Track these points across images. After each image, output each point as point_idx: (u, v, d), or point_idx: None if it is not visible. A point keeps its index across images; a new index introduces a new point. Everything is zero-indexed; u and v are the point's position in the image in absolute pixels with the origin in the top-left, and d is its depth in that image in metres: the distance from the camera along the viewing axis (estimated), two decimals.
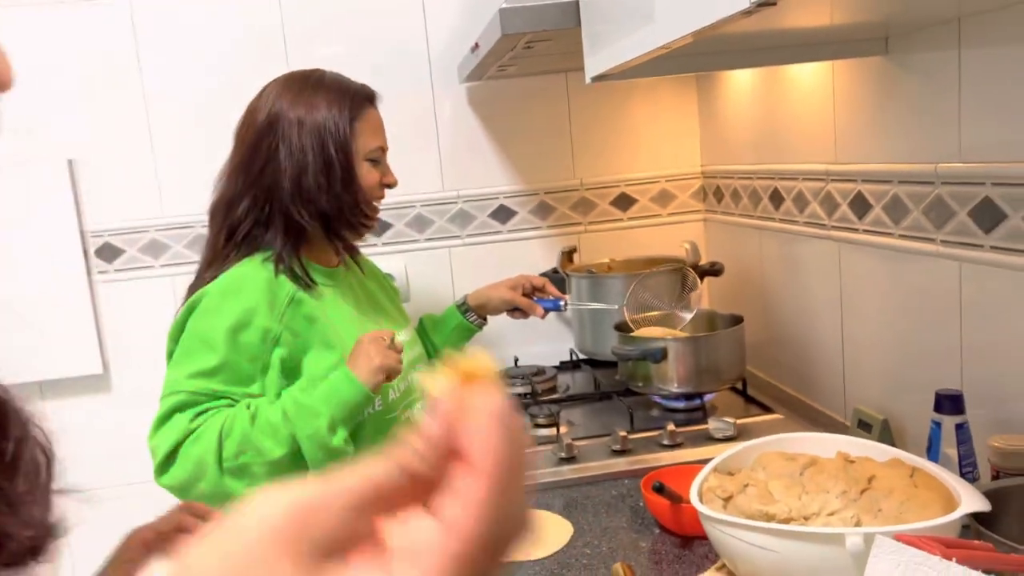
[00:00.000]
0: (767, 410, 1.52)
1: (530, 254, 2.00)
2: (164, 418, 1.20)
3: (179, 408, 1.19)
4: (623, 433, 1.38)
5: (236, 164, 1.31)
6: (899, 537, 0.69)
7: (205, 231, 1.63)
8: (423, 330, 1.63)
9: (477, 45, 1.47)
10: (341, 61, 1.53)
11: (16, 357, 1.82)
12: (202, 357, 1.20)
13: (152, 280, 1.90)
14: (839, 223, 1.42)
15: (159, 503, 1.93)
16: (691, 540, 1.09)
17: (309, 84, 1.31)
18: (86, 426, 1.90)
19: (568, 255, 1.95)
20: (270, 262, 1.27)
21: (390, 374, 1.23)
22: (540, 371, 1.86)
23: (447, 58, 1.92)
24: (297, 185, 1.27)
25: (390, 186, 1.38)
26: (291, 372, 1.25)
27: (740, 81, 1.77)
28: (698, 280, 1.56)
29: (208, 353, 1.20)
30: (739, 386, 1.60)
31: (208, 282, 1.26)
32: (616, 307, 1.61)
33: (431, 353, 1.60)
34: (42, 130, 1.82)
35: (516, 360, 1.95)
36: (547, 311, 1.59)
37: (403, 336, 1.43)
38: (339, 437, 1.19)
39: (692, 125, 2.03)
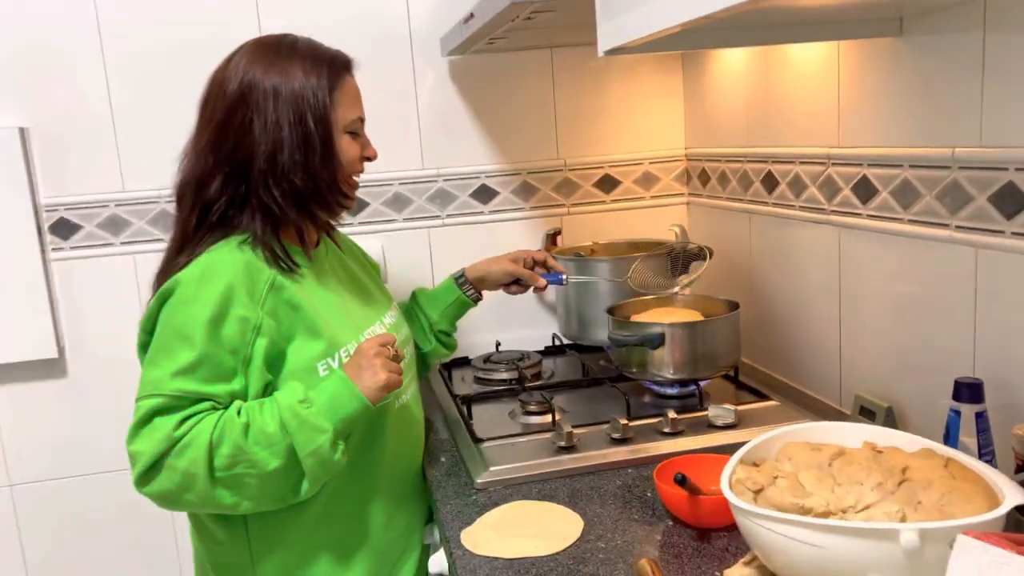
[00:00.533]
0: (761, 396, 1.50)
1: (512, 236, 1.94)
2: (143, 422, 1.10)
3: (159, 412, 1.09)
4: (624, 421, 1.33)
5: (206, 140, 1.19)
6: (968, 534, 0.66)
7: (170, 207, 1.53)
8: (416, 304, 1.56)
9: (472, 15, 1.40)
10: (316, 28, 1.41)
11: None
12: (179, 353, 1.10)
13: (112, 259, 1.78)
14: (840, 207, 1.40)
15: (116, 496, 1.84)
16: (707, 532, 1.06)
17: (282, 50, 1.21)
18: (39, 414, 1.78)
19: (552, 237, 1.90)
20: (247, 245, 1.18)
21: (393, 388, 1.17)
22: (524, 356, 1.81)
23: (429, 29, 1.84)
24: (271, 162, 1.17)
25: (370, 159, 1.30)
26: (274, 362, 1.16)
27: (730, 61, 1.74)
28: (707, 251, 1.54)
29: (186, 348, 1.10)
30: (730, 373, 1.58)
31: (180, 268, 1.16)
32: (621, 280, 1.56)
33: (425, 328, 1.53)
34: None
35: (498, 345, 1.89)
36: (549, 284, 1.53)
37: (389, 318, 1.36)
38: (340, 451, 1.12)
39: (676, 106, 1.99)
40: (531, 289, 1.55)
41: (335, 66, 1.23)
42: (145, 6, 1.72)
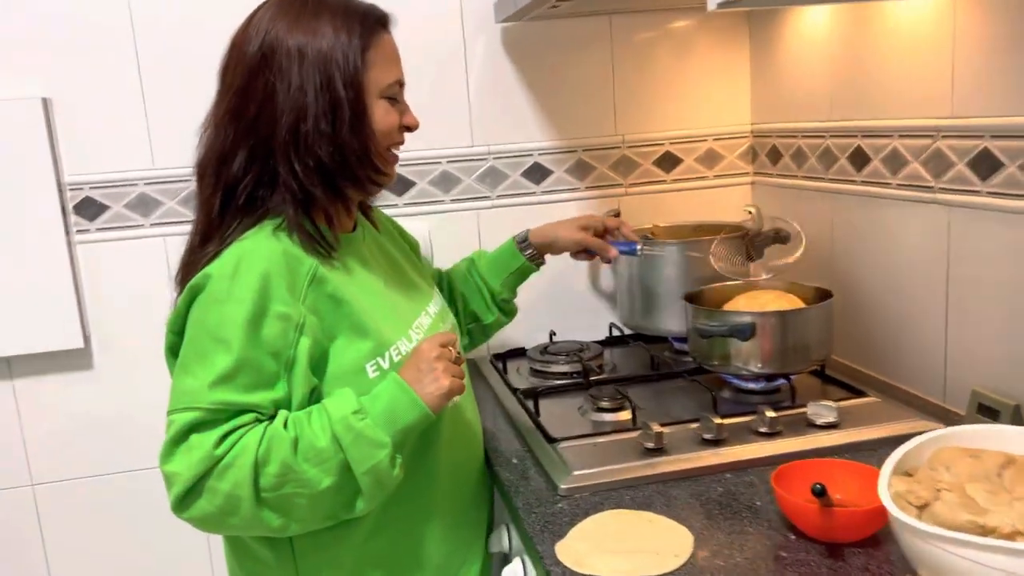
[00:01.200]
0: (856, 392, 1.37)
1: (566, 217, 1.80)
2: (179, 439, 0.96)
3: (196, 427, 0.96)
4: (717, 420, 1.21)
5: (225, 109, 1.05)
6: None
7: None
8: (477, 272, 1.43)
9: None
10: None
11: None
12: (216, 358, 0.97)
13: (141, 241, 1.65)
14: (952, 185, 1.27)
15: (144, 495, 1.71)
16: (838, 548, 0.93)
17: (308, 5, 1.05)
18: (63, 408, 1.66)
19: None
20: (283, 231, 1.04)
21: (456, 395, 1.04)
22: (583, 347, 1.68)
23: None
24: (294, 132, 1.02)
25: (410, 128, 1.14)
26: (318, 364, 1.03)
27: (809, 25, 1.60)
28: (788, 234, 1.40)
29: (222, 352, 0.97)
30: (818, 367, 1.45)
31: (209, 259, 1.02)
32: (701, 255, 1.43)
33: (486, 298, 1.41)
34: (11, 63, 1.55)
35: (552, 335, 1.77)
36: (620, 254, 1.40)
37: (433, 307, 1.23)
38: (398, 465, 1.00)
39: (742, 78, 1.85)
40: (598, 259, 1.43)
41: (368, 21, 1.07)
42: None
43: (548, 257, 1.46)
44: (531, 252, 1.40)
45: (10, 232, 1.54)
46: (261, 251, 1.01)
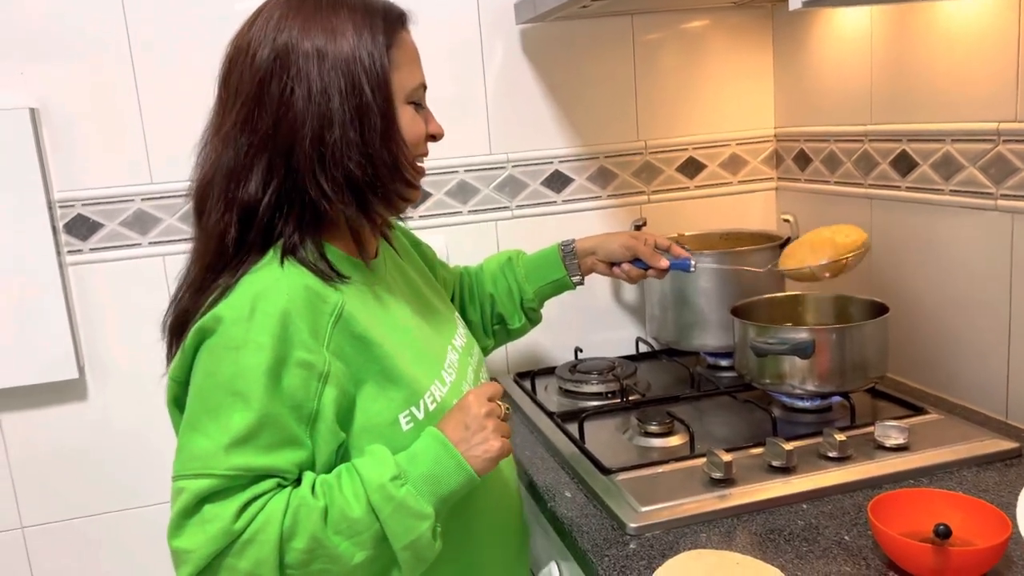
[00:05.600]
0: (914, 409, 1.31)
1: (588, 227, 1.72)
2: (191, 510, 0.83)
3: (210, 496, 0.83)
4: (785, 445, 1.13)
5: (234, 121, 0.92)
6: None
7: None
8: (513, 274, 1.32)
9: None
10: None
11: None
12: (232, 415, 0.84)
13: (138, 261, 1.53)
14: (1016, 191, 1.21)
15: (143, 535, 1.59)
16: None
17: (322, 3, 0.94)
18: (56, 444, 1.53)
19: (638, 229, 1.69)
20: (297, 261, 0.91)
21: (505, 456, 0.95)
22: (615, 364, 1.60)
23: None
24: (319, 143, 0.90)
25: (436, 138, 1.02)
26: (345, 415, 0.91)
27: (841, 23, 1.54)
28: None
29: (240, 408, 0.84)
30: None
31: (217, 297, 0.89)
32: (762, 270, 1.36)
33: (517, 302, 1.31)
34: None
35: (578, 351, 1.68)
36: (672, 270, 1.27)
37: (459, 339, 1.12)
38: (439, 536, 0.90)
39: (765, 80, 1.79)
40: (646, 274, 1.29)
41: (391, 19, 0.96)
42: None
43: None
44: (575, 267, 1.30)
45: None
46: (281, 287, 0.88)
